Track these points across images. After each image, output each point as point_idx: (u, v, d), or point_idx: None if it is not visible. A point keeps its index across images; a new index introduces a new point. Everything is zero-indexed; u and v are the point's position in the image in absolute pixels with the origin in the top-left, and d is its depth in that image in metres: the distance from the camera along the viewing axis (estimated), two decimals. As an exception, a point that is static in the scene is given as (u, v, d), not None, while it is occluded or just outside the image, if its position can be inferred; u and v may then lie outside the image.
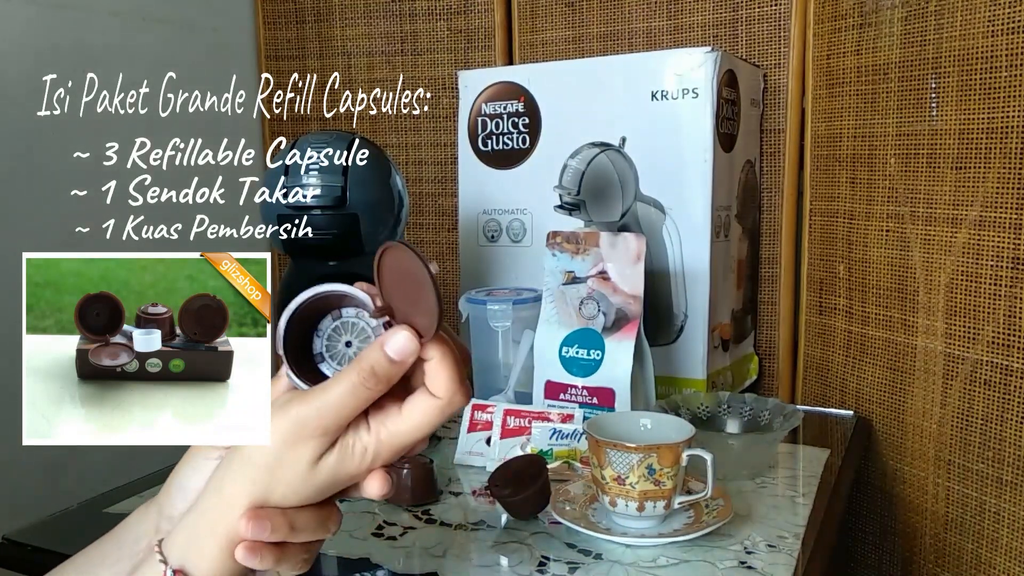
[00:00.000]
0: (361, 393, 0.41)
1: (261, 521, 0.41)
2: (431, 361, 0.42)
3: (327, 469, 0.42)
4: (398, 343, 0.42)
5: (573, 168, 1.12)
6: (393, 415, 0.43)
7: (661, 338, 1.09)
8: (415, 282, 0.40)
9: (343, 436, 0.42)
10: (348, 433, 0.42)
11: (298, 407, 0.41)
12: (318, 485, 0.42)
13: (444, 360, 0.42)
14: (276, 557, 0.43)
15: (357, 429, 0.42)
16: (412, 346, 0.42)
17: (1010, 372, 0.91)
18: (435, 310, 0.40)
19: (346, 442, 0.42)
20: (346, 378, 0.42)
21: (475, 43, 1.38)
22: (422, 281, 0.40)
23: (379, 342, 0.42)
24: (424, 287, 0.40)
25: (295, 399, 0.42)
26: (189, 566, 0.42)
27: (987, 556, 0.94)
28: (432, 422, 0.42)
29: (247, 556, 0.42)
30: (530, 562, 0.68)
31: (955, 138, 0.94)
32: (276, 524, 0.42)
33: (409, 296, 0.41)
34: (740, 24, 1.21)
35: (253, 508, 0.42)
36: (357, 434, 0.42)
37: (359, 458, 0.42)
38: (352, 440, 0.42)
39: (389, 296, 0.43)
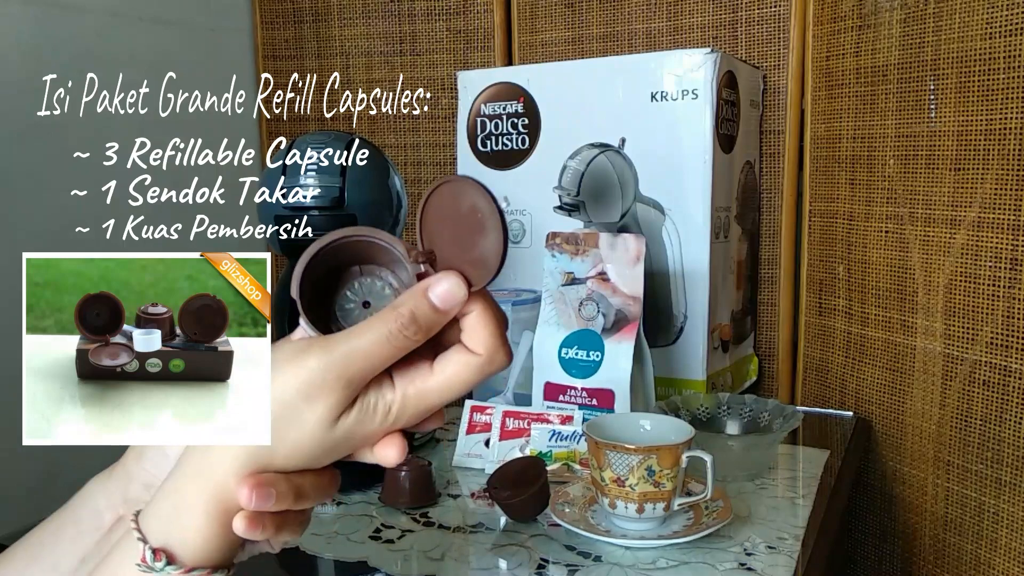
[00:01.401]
0: (397, 342, 0.36)
1: (265, 489, 0.36)
2: (470, 315, 0.38)
3: (344, 430, 0.37)
4: (445, 289, 0.37)
5: (572, 169, 1.12)
6: (422, 372, 0.38)
7: (661, 339, 1.09)
8: (472, 223, 0.36)
9: (364, 393, 0.37)
10: (370, 390, 0.37)
11: (319, 354, 0.36)
12: (330, 447, 0.37)
13: (485, 313, 0.38)
14: (277, 526, 0.38)
15: (380, 386, 0.38)
16: (460, 294, 0.37)
17: (1008, 373, 0.91)
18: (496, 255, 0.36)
19: (367, 400, 0.37)
20: (380, 324, 0.37)
21: (474, 44, 1.38)
22: (483, 221, 0.36)
23: (421, 287, 0.37)
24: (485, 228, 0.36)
25: (314, 345, 0.37)
26: (173, 542, 0.37)
27: (986, 556, 0.94)
28: (467, 381, 0.38)
29: (248, 528, 0.37)
30: (529, 565, 0.68)
31: (954, 139, 0.94)
32: (281, 492, 0.37)
33: (461, 239, 0.37)
34: (740, 25, 1.21)
35: (253, 474, 0.37)
36: (380, 392, 0.37)
37: (380, 418, 0.37)
38: (374, 398, 0.37)
39: (432, 240, 0.38)
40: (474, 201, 0.36)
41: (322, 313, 0.40)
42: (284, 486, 0.37)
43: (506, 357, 0.38)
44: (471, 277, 0.37)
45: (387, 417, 0.37)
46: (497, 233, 0.36)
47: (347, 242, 0.39)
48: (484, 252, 0.37)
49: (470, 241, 0.37)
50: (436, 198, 0.38)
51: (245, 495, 0.36)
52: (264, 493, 0.36)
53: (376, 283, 0.40)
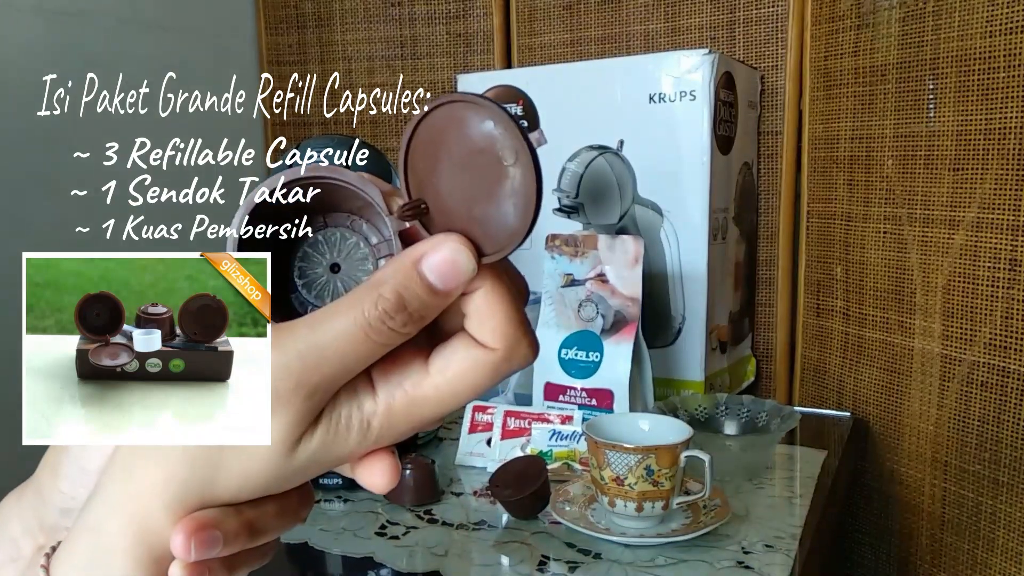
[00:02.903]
0: (377, 336, 0.26)
1: (207, 533, 0.27)
2: (476, 294, 0.27)
3: (306, 455, 0.27)
4: (444, 259, 0.26)
5: (571, 171, 1.12)
6: (414, 372, 0.27)
7: (659, 340, 1.09)
8: (484, 163, 0.25)
9: (332, 404, 0.27)
10: (340, 400, 0.27)
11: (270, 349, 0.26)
12: (289, 475, 0.27)
13: (496, 291, 0.26)
14: (229, 568, 0.29)
15: (355, 394, 0.27)
16: (467, 267, 0.26)
17: (1006, 374, 0.91)
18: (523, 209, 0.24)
19: (337, 413, 0.27)
20: (352, 310, 0.26)
21: (474, 47, 1.39)
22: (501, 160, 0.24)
23: (411, 256, 0.26)
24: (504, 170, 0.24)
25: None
26: None
27: (983, 557, 0.94)
28: (477, 384, 0.27)
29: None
30: (530, 561, 0.69)
31: (953, 139, 0.94)
32: (229, 532, 0.27)
33: (467, 187, 0.25)
34: (737, 26, 1.21)
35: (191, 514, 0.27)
36: (355, 401, 0.27)
37: (356, 437, 0.27)
38: (346, 411, 0.27)
39: (422, 188, 0.26)
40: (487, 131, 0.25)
41: (277, 280, 0.29)
42: (233, 523, 0.27)
43: (529, 349, 0.27)
44: (481, 242, 0.26)
45: (365, 436, 0.27)
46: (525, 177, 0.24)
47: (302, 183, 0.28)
48: (502, 206, 0.25)
49: (481, 189, 0.25)
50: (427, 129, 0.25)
51: (180, 543, 0.27)
52: (206, 538, 0.27)
53: (348, 237, 0.30)
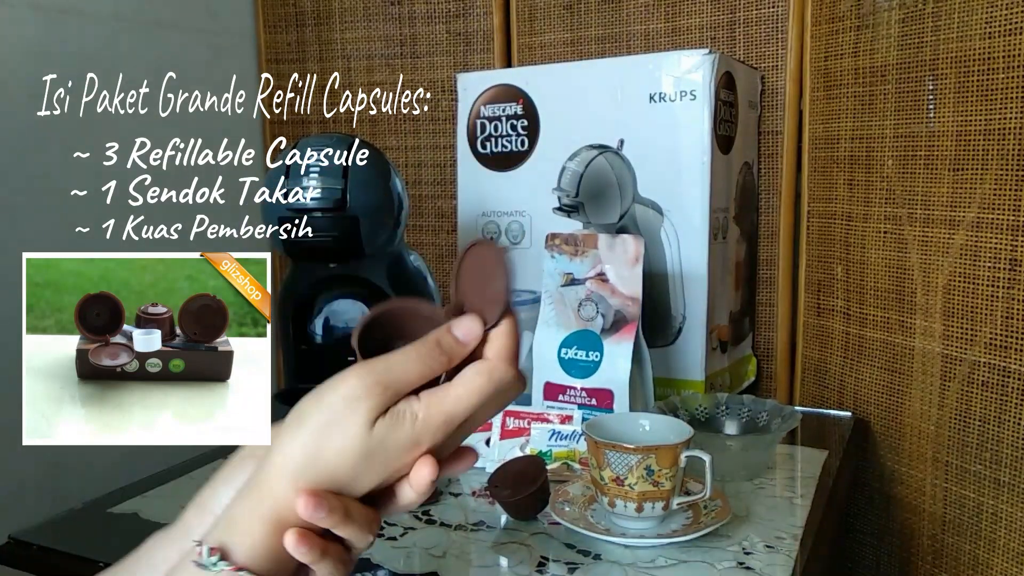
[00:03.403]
0: (427, 361, 0.43)
1: (318, 499, 0.40)
2: (497, 328, 0.45)
3: (379, 434, 0.41)
4: (464, 325, 0.44)
5: (571, 170, 1.12)
6: (443, 388, 0.44)
7: (659, 340, 1.09)
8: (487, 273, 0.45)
9: (395, 405, 0.42)
10: (400, 402, 0.42)
11: (360, 371, 0.42)
12: (369, 453, 0.41)
13: (506, 329, 0.45)
14: (322, 551, 0.41)
15: (409, 399, 0.43)
16: (477, 330, 0.44)
17: (1007, 373, 0.91)
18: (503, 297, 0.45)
19: (398, 408, 0.42)
20: (413, 349, 0.43)
21: (474, 46, 1.39)
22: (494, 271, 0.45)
23: (447, 325, 0.45)
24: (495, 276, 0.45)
25: (356, 366, 0.43)
26: (228, 543, 0.41)
27: (984, 557, 0.94)
28: (480, 388, 0.43)
29: (297, 543, 0.40)
30: (529, 562, 0.68)
31: (952, 140, 0.94)
32: (332, 506, 0.40)
33: (479, 288, 0.46)
34: (738, 26, 1.21)
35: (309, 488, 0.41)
36: (409, 403, 0.43)
37: (409, 424, 0.42)
38: (403, 407, 0.42)
39: (464, 293, 0.47)
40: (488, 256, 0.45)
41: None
42: (335, 501, 0.40)
43: (511, 370, 0.44)
44: (487, 314, 0.45)
45: (415, 425, 0.42)
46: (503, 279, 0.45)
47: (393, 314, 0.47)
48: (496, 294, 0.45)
49: (485, 286, 0.45)
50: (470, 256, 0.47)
51: (301, 503, 0.40)
52: (317, 502, 0.40)
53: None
